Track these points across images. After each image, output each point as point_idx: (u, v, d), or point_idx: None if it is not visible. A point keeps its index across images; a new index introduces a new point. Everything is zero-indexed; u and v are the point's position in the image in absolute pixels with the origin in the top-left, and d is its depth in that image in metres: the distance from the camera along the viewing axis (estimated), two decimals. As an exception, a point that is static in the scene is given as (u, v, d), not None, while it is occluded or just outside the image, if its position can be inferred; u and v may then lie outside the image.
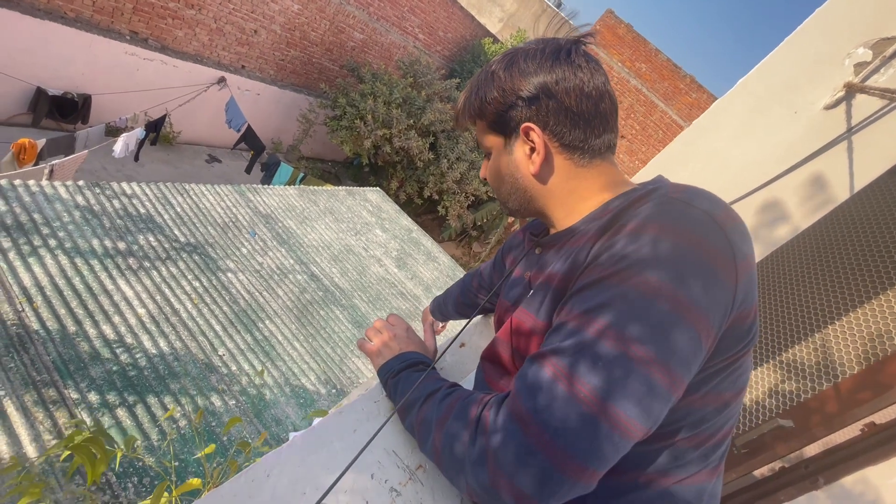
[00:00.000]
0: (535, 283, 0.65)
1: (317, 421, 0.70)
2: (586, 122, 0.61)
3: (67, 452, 0.62)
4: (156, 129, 7.11)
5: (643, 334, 0.43)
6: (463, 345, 1.01)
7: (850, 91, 0.84)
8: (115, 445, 0.70)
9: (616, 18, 12.92)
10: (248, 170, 7.97)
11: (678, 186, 0.53)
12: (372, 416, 0.70)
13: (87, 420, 2.32)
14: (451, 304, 1.16)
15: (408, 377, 0.70)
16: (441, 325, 1.29)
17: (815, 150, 0.84)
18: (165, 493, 1.08)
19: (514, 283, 0.76)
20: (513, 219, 10.67)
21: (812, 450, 1.81)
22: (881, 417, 1.72)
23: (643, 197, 0.54)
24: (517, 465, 0.44)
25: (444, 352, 0.95)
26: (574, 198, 0.64)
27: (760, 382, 1.77)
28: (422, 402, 0.63)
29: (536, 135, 0.61)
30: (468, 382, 0.92)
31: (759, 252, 1.01)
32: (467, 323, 0.96)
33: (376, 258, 5.43)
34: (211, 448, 1.06)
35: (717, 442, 0.55)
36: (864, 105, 0.85)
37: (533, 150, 0.62)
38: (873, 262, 1.84)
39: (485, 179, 0.73)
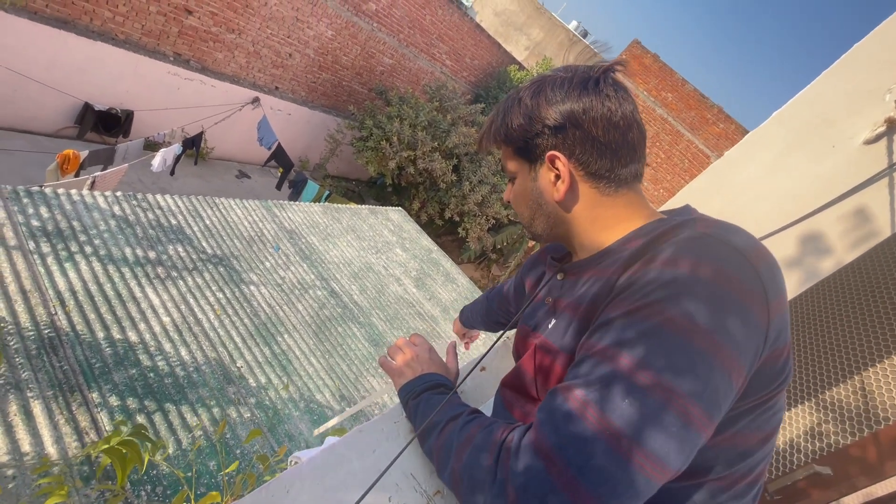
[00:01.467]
0: (559, 310, 0.65)
1: (329, 440, 0.69)
2: (613, 152, 0.61)
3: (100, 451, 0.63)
4: (194, 146, 7.43)
5: (674, 371, 0.42)
6: (483, 369, 1.00)
7: (892, 126, 0.82)
8: (147, 448, 0.71)
9: (642, 48, 13.02)
10: (279, 186, 8.22)
11: (708, 220, 0.53)
12: (391, 436, 0.70)
13: (113, 423, 2.35)
14: (479, 319, 1.20)
15: (428, 400, 0.70)
16: (475, 333, 1.32)
17: (855, 185, 0.82)
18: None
19: (535, 308, 0.75)
20: (533, 243, 10.62)
21: (851, 500, 1.69)
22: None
23: (674, 229, 0.52)
24: (539, 499, 0.43)
25: (466, 376, 0.94)
26: (598, 226, 0.64)
27: (796, 424, 1.68)
28: (442, 427, 0.62)
29: (562, 163, 0.62)
30: (488, 407, 0.90)
31: (797, 286, 0.98)
32: (489, 349, 0.94)
33: (395, 277, 5.46)
34: (234, 465, 1.06)
35: (749, 483, 0.53)
36: (908, 139, 0.83)
37: (558, 177, 0.63)
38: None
39: (508, 202, 0.74)
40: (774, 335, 0.46)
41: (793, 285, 1.06)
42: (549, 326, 0.65)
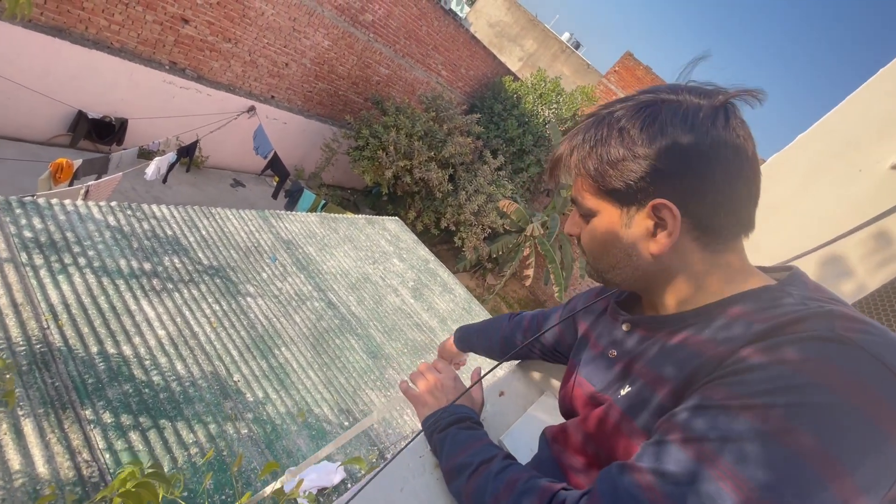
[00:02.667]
0: (633, 374, 0.57)
1: (325, 465, 0.66)
2: (733, 205, 0.51)
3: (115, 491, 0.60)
4: (188, 155, 7.37)
5: (775, 490, 0.36)
6: (502, 393, 0.98)
7: (920, 153, 0.83)
8: (167, 487, 0.68)
9: (634, 60, 13.21)
10: (275, 195, 8.17)
11: (848, 318, 0.42)
12: (417, 473, 0.67)
13: (126, 464, 2.29)
14: (483, 345, 1.02)
15: (456, 435, 0.67)
16: (464, 359, 1.16)
17: (884, 210, 0.82)
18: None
19: (593, 359, 0.66)
20: (528, 252, 10.64)
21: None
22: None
23: (806, 320, 0.43)
24: None
25: (475, 395, 0.91)
26: (693, 285, 0.55)
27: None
28: (474, 469, 0.60)
29: (671, 214, 0.51)
30: (509, 435, 0.88)
31: None
32: (496, 366, 0.89)
33: (393, 288, 5.42)
34: (247, 496, 1.02)
35: None
36: (934, 164, 0.84)
37: (659, 226, 0.52)
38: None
39: (571, 236, 0.63)
40: None
41: None
42: (623, 393, 0.56)
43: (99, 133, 7.00)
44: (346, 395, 3.62)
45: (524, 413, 0.96)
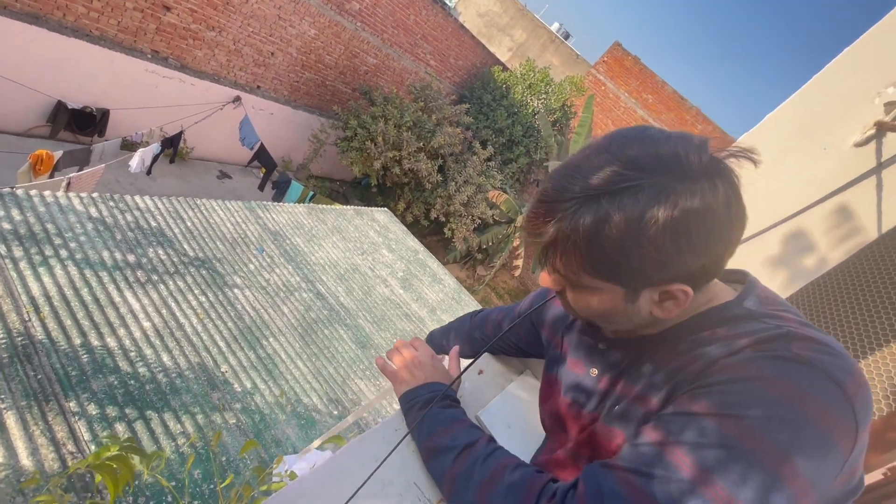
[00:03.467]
0: (618, 393, 0.60)
1: (316, 453, 0.68)
2: (723, 262, 0.52)
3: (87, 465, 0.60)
4: (172, 146, 7.25)
5: (738, 488, 0.42)
6: (481, 372, 0.99)
7: (881, 129, 0.85)
8: (140, 461, 0.68)
9: (623, 51, 13.22)
10: (262, 187, 8.08)
11: (802, 337, 0.47)
12: (393, 444, 0.68)
13: (102, 437, 2.27)
14: (454, 344, 1.04)
15: (436, 415, 0.68)
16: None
17: (843, 184, 0.84)
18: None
19: (576, 379, 0.68)
20: (518, 242, 10.68)
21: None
22: (904, 461, 1.66)
23: (767, 342, 0.48)
24: None
25: (460, 375, 0.92)
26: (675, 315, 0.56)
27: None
28: (458, 454, 0.61)
29: (683, 292, 0.50)
30: (487, 411, 0.90)
31: (787, 285, 1.00)
32: (478, 356, 0.91)
33: (382, 278, 5.42)
34: (230, 479, 1.03)
35: None
36: (894, 143, 0.86)
37: (667, 300, 0.52)
38: None
39: (553, 290, 0.59)
40: (853, 462, 0.46)
41: (779, 286, 1.08)
42: (611, 412, 0.60)
43: (79, 124, 6.85)
44: (336, 385, 3.63)
45: (503, 391, 0.97)
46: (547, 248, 0.53)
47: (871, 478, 1.70)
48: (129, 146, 7.01)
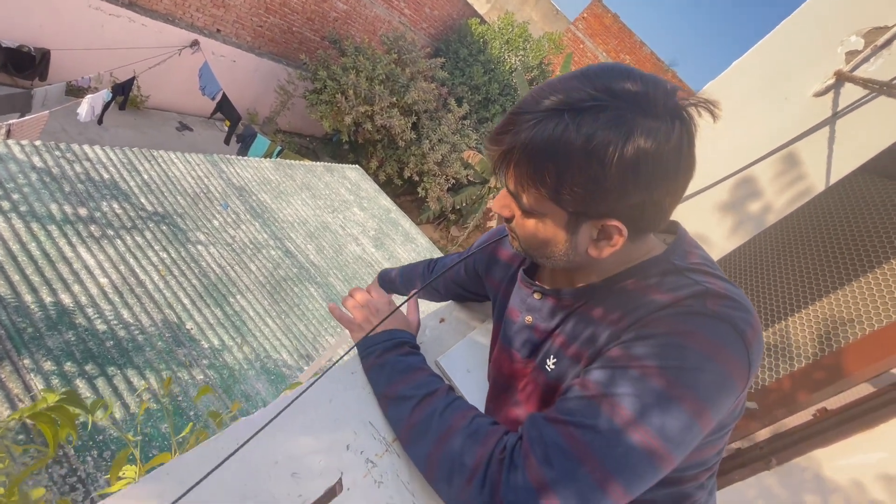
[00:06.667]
0: (555, 346, 0.64)
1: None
2: (668, 212, 0.55)
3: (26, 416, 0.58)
4: (123, 93, 6.73)
5: (661, 430, 0.49)
6: (442, 320, 1.00)
7: (840, 79, 0.85)
8: (84, 410, 0.66)
9: (604, 7, 12.90)
10: (227, 140, 7.66)
11: (716, 294, 0.53)
12: (349, 387, 0.68)
13: (42, 390, 2.21)
14: (406, 288, 1.10)
15: (395, 363, 0.68)
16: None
17: (798, 134, 0.85)
18: (132, 466, 1.04)
19: (513, 328, 0.71)
20: (491, 204, 10.67)
21: (766, 433, 1.90)
22: (833, 403, 1.82)
23: (685, 299, 0.54)
24: None
25: (399, 307, 0.92)
26: (609, 263, 0.60)
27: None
28: (417, 403, 0.62)
29: (619, 233, 0.53)
30: (447, 357, 0.91)
31: (734, 231, 1.03)
32: (416, 292, 0.95)
33: (353, 237, 5.35)
34: (189, 428, 1.02)
35: (711, 475, 0.65)
36: (851, 94, 0.87)
37: (603, 238, 0.55)
38: (837, 255, 1.92)
39: (497, 215, 0.63)
40: (744, 394, 0.55)
41: (726, 232, 1.10)
42: (551, 365, 0.63)
43: (16, 65, 6.24)
44: (307, 342, 3.64)
45: (464, 338, 0.98)
46: (502, 159, 0.54)
47: (801, 418, 1.86)
48: (75, 92, 6.47)
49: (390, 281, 1.14)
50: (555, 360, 0.63)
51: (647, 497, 0.58)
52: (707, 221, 1.08)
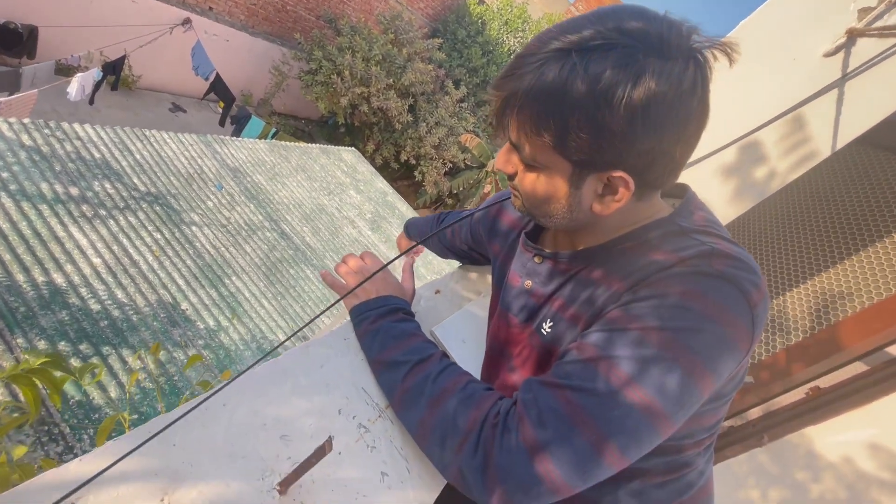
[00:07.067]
0: (553, 310, 0.62)
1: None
2: (678, 168, 0.52)
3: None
4: (114, 72, 6.58)
5: (655, 387, 0.47)
6: (438, 291, 0.98)
7: (852, 37, 0.82)
8: (69, 374, 0.64)
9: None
10: (222, 122, 7.53)
11: (721, 254, 0.51)
12: (341, 352, 0.67)
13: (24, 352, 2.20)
14: (422, 235, 1.11)
15: (389, 329, 0.66)
16: (420, 248, 1.18)
17: (806, 97, 0.83)
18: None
19: (514, 293, 0.69)
20: (489, 189, 10.62)
21: (758, 412, 1.92)
22: (826, 382, 1.84)
23: (691, 260, 0.51)
24: (519, 485, 0.49)
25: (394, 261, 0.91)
26: (613, 225, 0.58)
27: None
28: (409, 369, 0.61)
29: (625, 185, 0.50)
30: (442, 327, 0.89)
31: (741, 206, 1.01)
32: (412, 247, 0.95)
33: (350, 220, 5.31)
34: (184, 399, 1.00)
35: (710, 444, 0.64)
36: (862, 55, 0.84)
37: (608, 192, 0.52)
38: (835, 229, 1.91)
39: (504, 172, 0.58)
40: (747, 359, 0.53)
41: (729, 197, 1.08)
42: (546, 329, 0.62)
43: (3, 42, 6.09)
44: (302, 324, 3.63)
45: (460, 309, 0.97)
46: (505, 106, 0.51)
47: (794, 396, 1.88)
48: (64, 71, 6.34)
49: (414, 226, 1.15)
50: (551, 323, 0.61)
51: (646, 465, 0.57)
52: (708, 187, 1.06)
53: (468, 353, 0.88)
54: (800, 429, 1.75)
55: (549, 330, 0.61)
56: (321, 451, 0.45)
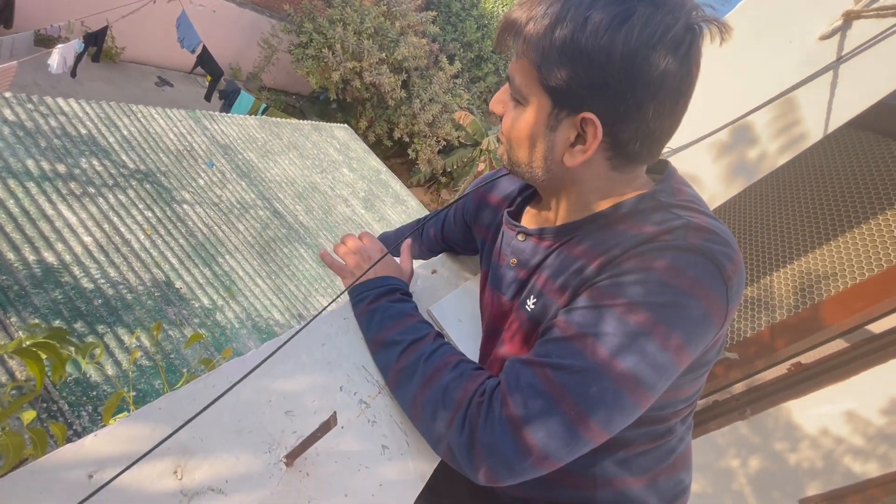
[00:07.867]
0: (536, 286, 0.63)
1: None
2: (654, 139, 0.53)
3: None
4: (96, 43, 6.35)
5: (638, 366, 0.49)
6: (434, 271, 1.00)
7: (848, 19, 0.82)
8: (72, 350, 0.65)
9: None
10: (209, 97, 7.34)
11: (698, 227, 0.52)
12: (342, 331, 0.68)
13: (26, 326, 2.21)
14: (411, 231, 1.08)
15: (386, 309, 0.68)
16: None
17: (800, 80, 0.84)
18: (125, 413, 1.05)
19: (501, 271, 0.71)
20: (483, 167, 10.55)
21: (742, 387, 1.99)
22: (808, 358, 1.90)
23: (667, 233, 0.52)
24: (503, 461, 0.51)
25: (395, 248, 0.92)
26: (592, 197, 0.59)
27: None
28: (405, 348, 0.62)
29: (593, 132, 0.51)
30: (439, 306, 0.91)
31: (730, 175, 1.03)
32: (402, 238, 0.94)
33: (343, 198, 5.28)
34: (184, 380, 1.02)
35: (689, 412, 0.66)
36: (857, 38, 0.84)
37: (578, 141, 0.53)
38: (819, 210, 1.94)
39: (494, 114, 0.61)
40: (723, 331, 0.55)
41: (720, 176, 1.10)
42: (531, 305, 0.63)
43: (-22, 11, 5.84)
44: (298, 302, 3.65)
45: (457, 289, 0.98)
46: (508, 31, 0.53)
47: (776, 371, 1.94)
48: (44, 42, 6.11)
49: (386, 240, 1.12)
50: (535, 300, 0.63)
51: (630, 435, 0.60)
52: (699, 166, 1.07)
53: (464, 332, 0.90)
54: (782, 402, 1.82)
55: (532, 306, 0.63)
56: (326, 426, 0.47)
